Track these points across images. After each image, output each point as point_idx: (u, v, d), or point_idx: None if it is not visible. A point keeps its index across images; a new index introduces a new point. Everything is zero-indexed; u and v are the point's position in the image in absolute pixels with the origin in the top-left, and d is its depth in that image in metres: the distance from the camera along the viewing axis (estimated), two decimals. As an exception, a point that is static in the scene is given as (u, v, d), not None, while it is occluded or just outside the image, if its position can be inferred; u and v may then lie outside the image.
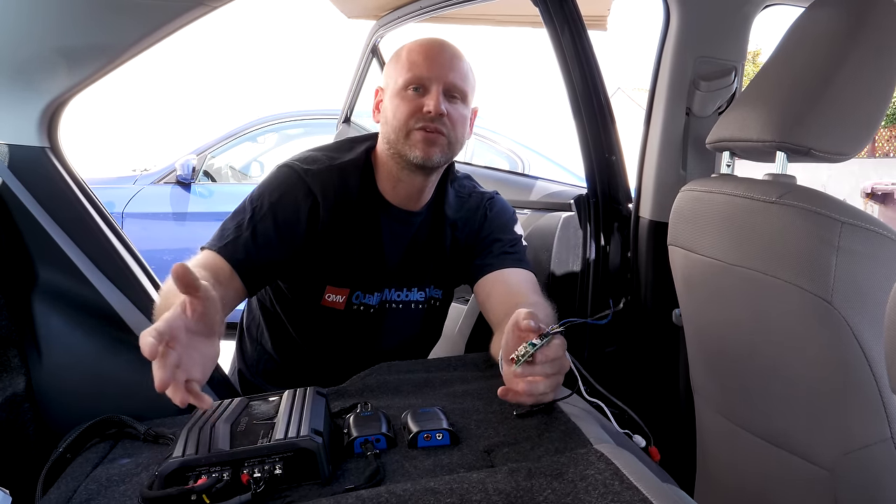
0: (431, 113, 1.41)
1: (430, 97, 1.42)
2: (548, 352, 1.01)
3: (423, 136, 1.42)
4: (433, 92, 1.42)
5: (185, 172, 4.68)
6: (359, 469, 0.93)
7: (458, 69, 1.46)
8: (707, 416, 1.59)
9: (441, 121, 1.42)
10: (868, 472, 1.19)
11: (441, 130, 1.43)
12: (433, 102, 1.41)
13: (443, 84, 1.43)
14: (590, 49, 1.91)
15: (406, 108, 1.43)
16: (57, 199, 1.35)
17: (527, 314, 1.04)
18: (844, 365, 1.16)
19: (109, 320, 1.33)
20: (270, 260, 1.39)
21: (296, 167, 1.47)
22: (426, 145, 1.42)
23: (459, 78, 1.46)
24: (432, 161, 1.44)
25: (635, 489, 0.79)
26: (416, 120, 1.42)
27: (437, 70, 1.43)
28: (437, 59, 1.45)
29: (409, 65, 1.45)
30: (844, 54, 1.19)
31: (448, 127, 1.44)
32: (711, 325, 1.49)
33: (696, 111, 1.84)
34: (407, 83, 1.44)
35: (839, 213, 1.12)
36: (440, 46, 1.47)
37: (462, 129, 1.49)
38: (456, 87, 1.45)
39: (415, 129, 1.43)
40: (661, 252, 1.68)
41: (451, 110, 1.44)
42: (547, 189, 2.45)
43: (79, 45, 1.23)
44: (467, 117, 1.50)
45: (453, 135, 1.46)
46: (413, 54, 1.46)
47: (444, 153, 1.46)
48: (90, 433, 1.10)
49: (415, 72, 1.43)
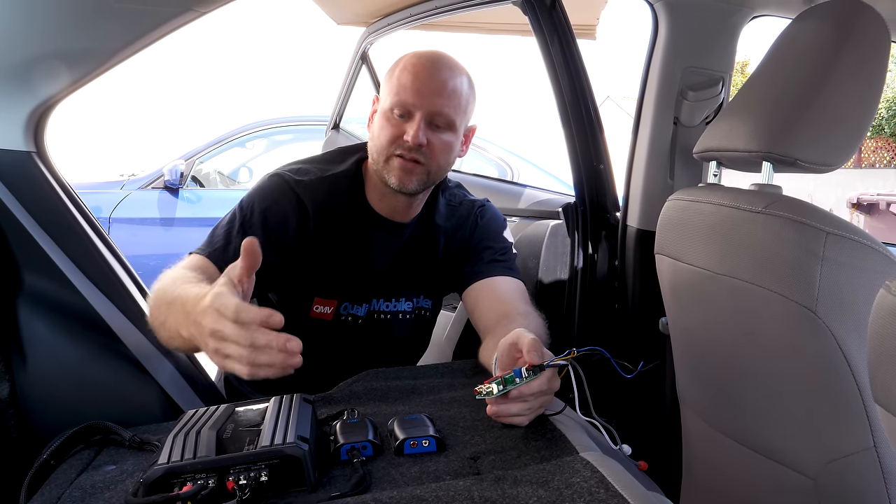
0: (409, 143, 1.39)
1: (411, 125, 1.40)
2: (525, 389, 1.02)
3: (401, 163, 1.41)
4: (415, 120, 1.40)
5: (173, 178, 4.66)
6: (345, 476, 0.93)
7: (447, 93, 1.42)
8: (693, 425, 1.60)
9: (420, 151, 1.41)
10: (852, 480, 1.20)
11: (419, 160, 1.42)
12: (412, 132, 1.39)
13: (426, 112, 1.40)
14: (578, 58, 1.92)
15: (388, 134, 1.42)
16: (43, 204, 1.34)
17: (531, 343, 1.04)
18: (828, 374, 1.16)
19: (95, 326, 1.33)
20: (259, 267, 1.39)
21: (286, 177, 1.47)
22: (402, 173, 1.42)
23: (446, 105, 1.41)
24: (408, 189, 1.44)
25: (621, 497, 0.79)
26: (396, 147, 1.41)
27: (422, 98, 1.40)
28: (425, 83, 1.41)
29: (397, 87, 1.42)
30: (831, 66, 1.20)
31: (427, 157, 1.42)
32: (697, 333, 1.49)
33: (684, 121, 1.86)
34: (392, 106, 1.42)
35: (824, 223, 1.13)
36: (432, 67, 1.43)
37: (445, 156, 1.46)
38: (441, 114, 1.41)
39: (394, 156, 1.42)
40: (648, 261, 1.69)
41: (433, 139, 1.42)
42: (535, 197, 2.46)
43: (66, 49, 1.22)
44: (452, 143, 1.47)
45: (433, 164, 1.44)
46: (404, 75, 1.42)
47: (421, 182, 1.44)
48: (75, 440, 1.09)
49: (401, 96, 1.41)
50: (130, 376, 1.32)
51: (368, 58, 3.19)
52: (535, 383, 1.02)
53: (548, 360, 1.03)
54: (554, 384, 1.05)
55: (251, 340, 0.92)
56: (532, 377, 1.01)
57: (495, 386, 1.03)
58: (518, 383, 1.01)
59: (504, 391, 1.02)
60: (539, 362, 1.02)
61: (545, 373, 1.02)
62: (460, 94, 1.44)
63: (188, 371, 1.41)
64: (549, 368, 1.02)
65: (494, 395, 1.03)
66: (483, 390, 1.05)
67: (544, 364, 1.02)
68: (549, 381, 1.03)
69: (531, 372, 1.01)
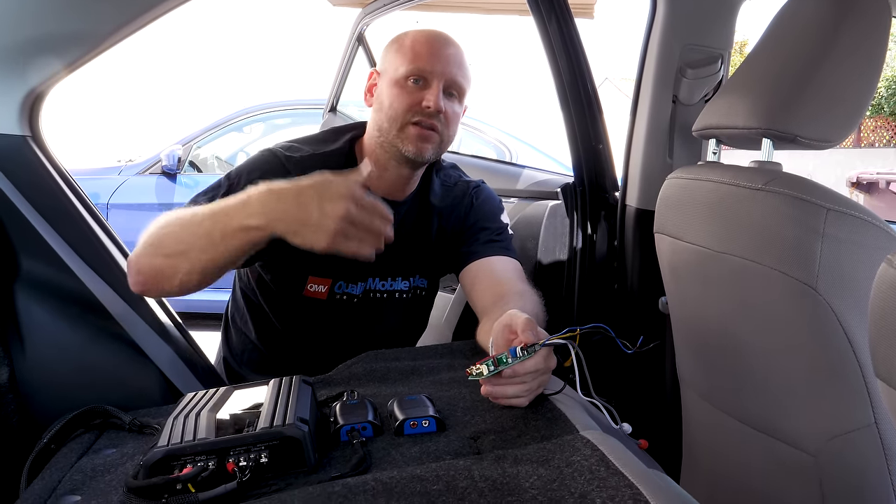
0: (431, 108, 1.39)
1: (430, 92, 1.40)
2: (519, 368, 1.01)
3: (418, 131, 1.41)
4: (434, 87, 1.41)
5: (170, 163, 4.65)
6: (345, 457, 0.93)
7: (461, 65, 1.45)
8: (693, 403, 1.60)
9: (438, 117, 1.41)
10: (852, 457, 1.20)
11: (436, 127, 1.42)
12: (433, 98, 1.39)
13: (445, 80, 1.42)
14: (577, 37, 1.91)
15: (404, 101, 1.41)
16: (39, 189, 1.33)
17: (526, 323, 1.03)
18: (829, 351, 1.16)
19: (93, 310, 1.32)
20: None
21: (278, 153, 1.46)
22: (420, 141, 1.42)
23: (461, 74, 1.45)
24: (423, 157, 1.44)
25: (621, 475, 0.79)
26: (413, 114, 1.41)
27: (442, 64, 1.42)
28: (441, 52, 1.43)
29: (413, 55, 1.42)
30: (830, 42, 1.20)
31: (443, 124, 1.43)
32: (697, 312, 1.49)
33: (683, 99, 1.85)
34: (408, 74, 1.42)
35: (824, 199, 1.12)
36: (445, 40, 1.46)
37: (455, 127, 1.48)
38: (456, 83, 1.44)
39: (410, 123, 1.41)
40: (647, 240, 1.69)
41: (448, 108, 1.43)
42: (534, 178, 2.45)
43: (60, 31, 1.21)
44: (460, 115, 1.49)
45: (447, 132, 1.45)
46: (418, 44, 1.44)
47: (435, 150, 1.45)
48: (74, 424, 1.09)
49: (418, 63, 1.41)
50: (129, 360, 1.32)
51: (365, 39, 3.17)
52: (529, 362, 1.00)
53: (543, 340, 1.02)
54: (550, 362, 1.03)
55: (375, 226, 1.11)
56: (526, 356, 1.00)
57: (486, 367, 1.02)
58: (510, 363, 1.00)
59: (495, 371, 1.01)
60: (534, 341, 1.01)
61: (541, 351, 1.01)
62: (469, 69, 1.48)
63: (187, 354, 1.41)
64: (544, 347, 1.02)
65: (485, 375, 1.02)
66: (474, 371, 1.04)
67: (539, 343, 1.01)
68: (544, 359, 1.02)
69: (526, 352, 1.00)
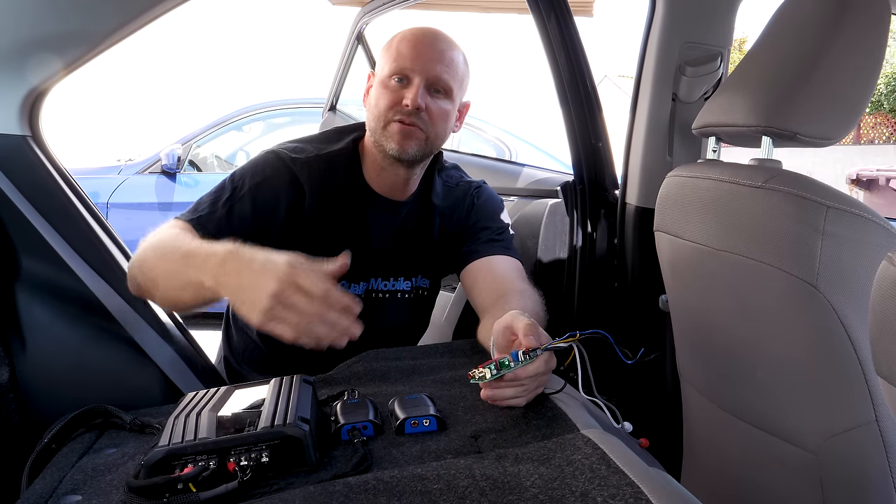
0: (409, 106, 1.40)
1: (409, 90, 1.41)
2: (520, 372, 1.01)
3: (400, 128, 1.42)
4: (414, 85, 1.41)
5: (170, 162, 4.65)
6: (346, 456, 0.93)
7: (446, 61, 1.44)
8: (693, 401, 1.60)
9: (418, 115, 1.41)
10: (853, 454, 1.20)
11: (417, 125, 1.42)
12: (412, 96, 1.40)
13: (425, 77, 1.42)
14: (576, 35, 1.90)
15: (386, 99, 1.43)
16: (39, 189, 1.33)
17: (527, 328, 1.03)
18: (829, 348, 1.16)
19: (94, 310, 1.32)
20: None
21: (282, 154, 1.46)
22: (402, 138, 1.42)
23: (445, 71, 1.44)
24: (407, 154, 1.43)
25: (622, 473, 0.79)
26: (395, 112, 1.42)
27: (422, 62, 1.42)
28: (424, 50, 1.43)
29: (395, 55, 1.44)
30: (830, 39, 1.19)
31: (425, 122, 1.43)
32: (697, 310, 1.49)
33: (683, 97, 1.84)
34: (391, 73, 1.43)
35: (824, 197, 1.12)
36: (431, 37, 1.45)
37: (443, 124, 1.47)
38: (440, 80, 1.43)
39: (392, 121, 1.42)
40: (647, 238, 1.68)
41: (431, 105, 1.43)
42: (534, 176, 2.45)
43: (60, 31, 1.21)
44: (449, 112, 1.48)
45: (432, 130, 1.44)
46: (402, 44, 1.44)
47: (420, 147, 1.44)
48: (75, 423, 1.09)
49: (399, 62, 1.42)
50: (130, 359, 1.32)
51: (364, 38, 3.17)
52: (531, 367, 1.01)
53: (545, 343, 1.02)
54: (551, 364, 1.04)
55: (322, 315, 0.99)
56: (528, 361, 1.00)
57: (488, 371, 1.02)
58: (513, 367, 1.00)
59: (498, 375, 1.01)
60: (536, 346, 1.00)
61: (542, 355, 1.01)
62: (457, 64, 1.47)
63: (188, 354, 1.41)
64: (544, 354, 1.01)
65: (488, 379, 1.02)
66: (476, 375, 1.04)
67: (541, 347, 1.01)
68: (545, 363, 1.03)
69: (528, 356, 1.00)
